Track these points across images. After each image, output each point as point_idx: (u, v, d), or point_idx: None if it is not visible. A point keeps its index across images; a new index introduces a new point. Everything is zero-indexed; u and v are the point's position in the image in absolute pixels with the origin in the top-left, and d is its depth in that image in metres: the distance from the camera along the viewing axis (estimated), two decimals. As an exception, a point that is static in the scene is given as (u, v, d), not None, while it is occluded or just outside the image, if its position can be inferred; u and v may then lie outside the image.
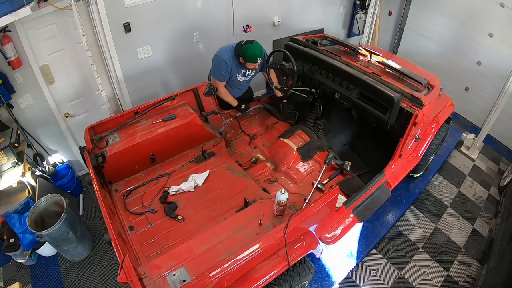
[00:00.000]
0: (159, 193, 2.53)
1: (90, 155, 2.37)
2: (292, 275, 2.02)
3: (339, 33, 4.93)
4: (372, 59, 3.04)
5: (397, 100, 2.45)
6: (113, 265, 2.76)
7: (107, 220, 1.89)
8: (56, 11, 2.63)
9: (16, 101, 2.79)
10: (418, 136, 2.81)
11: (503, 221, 2.92)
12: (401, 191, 3.30)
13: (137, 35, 3.07)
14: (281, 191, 1.94)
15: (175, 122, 2.70)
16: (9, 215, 2.62)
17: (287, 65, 2.90)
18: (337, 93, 2.90)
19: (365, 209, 2.52)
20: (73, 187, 3.25)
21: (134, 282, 1.56)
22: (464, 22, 4.04)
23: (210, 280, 1.61)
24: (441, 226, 3.15)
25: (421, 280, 2.73)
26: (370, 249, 2.87)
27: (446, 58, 4.38)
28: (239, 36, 3.79)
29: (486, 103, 4.07)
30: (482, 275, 2.60)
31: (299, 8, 4.17)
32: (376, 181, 2.57)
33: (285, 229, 1.82)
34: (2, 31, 2.45)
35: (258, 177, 2.77)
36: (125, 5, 2.86)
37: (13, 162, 2.65)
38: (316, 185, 2.67)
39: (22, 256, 2.76)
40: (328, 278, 2.65)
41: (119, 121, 2.63)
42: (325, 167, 2.85)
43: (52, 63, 2.87)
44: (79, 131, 3.22)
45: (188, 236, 2.19)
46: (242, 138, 3.17)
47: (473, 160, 3.91)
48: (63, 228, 2.51)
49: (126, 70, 3.14)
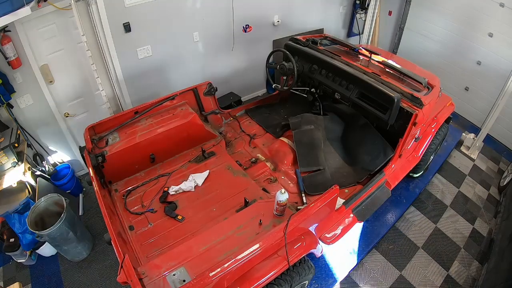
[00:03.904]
0: (159, 193, 2.53)
1: (90, 155, 2.37)
2: (292, 275, 2.01)
3: (339, 33, 4.93)
4: (372, 59, 3.04)
5: (397, 100, 2.45)
6: (113, 265, 2.76)
7: (107, 220, 1.89)
8: (56, 11, 2.63)
9: (16, 101, 2.79)
10: (418, 136, 2.81)
11: (503, 221, 2.92)
12: (401, 191, 3.31)
13: (137, 35, 3.07)
14: (281, 191, 1.94)
15: (175, 122, 2.71)
16: (9, 215, 2.62)
17: (287, 65, 2.91)
18: (337, 93, 2.90)
19: (365, 209, 2.52)
20: (73, 187, 3.25)
21: (134, 282, 1.56)
22: (464, 22, 4.04)
23: (210, 280, 1.61)
24: (441, 226, 3.15)
25: (421, 280, 2.73)
26: (370, 249, 2.87)
27: (446, 58, 4.38)
28: (239, 36, 3.79)
29: (486, 103, 4.07)
30: (482, 275, 2.60)
31: (299, 8, 4.17)
32: (376, 181, 2.57)
33: (285, 229, 1.82)
34: (2, 31, 2.45)
35: (258, 177, 2.77)
36: (125, 5, 2.86)
37: (13, 162, 2.65)
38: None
39: (22, 256, 2.76)
40: (328, 278, 2.65)
41: (119, 121, 2.63)
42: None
43: (52, 63, 2.87)
44: (79, 131, 3.22)
45: (188, 236, 2.19)
46: (242, 138, 3.17)
47: (473, 160, 3.91)
48: (63, 228, 2.51)
49: (126, 70, 3.14)
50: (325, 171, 2.79)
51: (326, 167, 2.81)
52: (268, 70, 3.11)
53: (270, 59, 3.09)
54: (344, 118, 3.16)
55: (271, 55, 3.07)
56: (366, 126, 2.93)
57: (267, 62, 3.08)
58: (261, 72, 4.40)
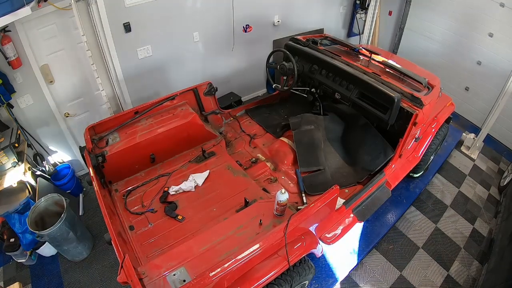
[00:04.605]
0: (159, 193, 2.53)
1: (90, 155, 2.37)
2: (292, 275, 2.01)
3: (339, 33, 4.93)
4: (372, 59, 3.04)
5: (397, 100, 2.45)
6: (113, 265, 2.76)
7: (107, 220, 1.89)
8: (56, 11, 2.63)
9: (16, 101, 2.79)
10: (418, 136, 2.81)
11: (503, 221, 2.92)
12: (401, 191, 3.30)
13: (137, 35, 3.07)
14: (281, 191, 1.94)
15: (175, 122, 2.71)
16: (9, 215, 2.62)
17: (287, 65, 2.91)
18: (337, 93, 2.90)
19: (365, 209, 2.52)
20: (73, 187, 3.24)
21: (134, 282, 1.56)
22: (464, 22, 4.04)
23: (210, 280, 1.61)
24: (441, 226, 3.15)
25: (421, 280, 2.73)
26: (370, 249, 2.88)
27: (446, 58, 4.38)
28: (239, 36, 3.79)
29: (486, 103, 4.07)
30: (482, 275, 2.60)
31: (299, 8, 4.18)
32: (376, 181, 2.57)
33: (285, 229, 1.82)
34: (2, 31, 2.45)
35: (258, 177, 2.77)
36: (125, 5, 2.86)
37: (13, 162, 2.65)
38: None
39: (22, 256, 2.76)
40: (328, 278, 2.65)
41: (119, 121, 2.63)
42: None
43: (52, 63, 2.87)
44: (79, 131, 3.22)
45: (188, 236, 2.19)
46: (242, 138, 3.17)
47: (473, 160, 3.91)
48: (63, 228, 2.51)
49: (126, 70, 3.14)
50: (325, 171, 2.79)
51: (326, 167, 2.81)
52: (268, 70, 3.11)
53: (270, 59, 3.09)
54: (344, 118, 3.16)
55: (271, 55, 3.06)
56: (366, 126, 2.93)
57: (267, 62, 3.08)
58: (261, 72, 4.40)
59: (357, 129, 3.00)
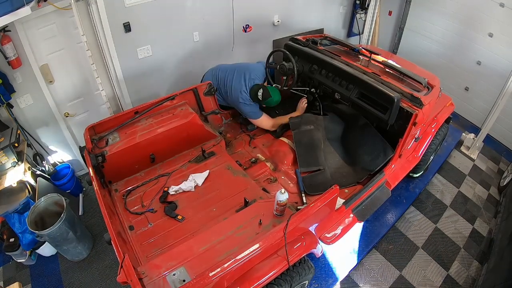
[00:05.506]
0: (159, 192, 2.53)
1: (90, 154, 2.37)
2: (292, 275, 2.01)
3: (339, 33, 4.93)
4: (372, 59, 3.04)
5: (397, 100, 2.45)
6: (113, 265, 2.77)
7: (107, 220, 1.89)
8: (56, 10, 2.63)
9: (16, 101, 2.79)
10: (418, 136, 2.81)
11: (503, 221, 2.92)
12: (401, 191, 3.31)
13: (137, 35, 3.07)
14: (281, 191, 1.94)
15: (175, 122, 2.70)
16: (9, 215, 2.62)
17: (287, 65, 2.90)
18: (337, 93, 2.90)
19: (365, 209, 2.52)
20: (73, 187, 3.25)
21: (134, 281, 1.56)
22: (464, 22, 4.04)
23: (210, 280, 1.61)
24: (441, 226, 3.15)
25: (421, 280, 2.73)
26: (370, 249, 2.88)
27: (446, 58, 4.38)
28: (239, 36, 3.79)
29: (486, 103, 4.07)
30: (482, 275, 2.60)
31: (299, 8, 4.17)
32: (376, 181, 2.57)
33: (285, 229, 1.82)
34: (2, 31, 2.45)
35: (258, 177, 2.77)
36: (125, 5, 2.86)
37: (13, 162, 2.65)
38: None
39: (22, 256, 2.76)
40: (328, 278, 2.65)
41: (119, 121, 2.63)
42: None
43: (52, 63, 2.87)
44: (79, 131, 3.22)
45: (188, 236, 2.19)
46: (242, 138, 3.17)
47: (473, 160, 3.91)
48: (63, 228, 2.51)
49: (126, 70, 3.14)
50: (325, 171, 2.79)
51: (326, 167, 2.81)
52: (268, 70, 3.11)
53: (270, 59, 3.09)
54: (344, 118, 3.16)
55: (271, 55, 3.06)
56: (366, 126, 2.93)
57: (267, 62, 3.08)
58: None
59: (357, 129, 3.00)
